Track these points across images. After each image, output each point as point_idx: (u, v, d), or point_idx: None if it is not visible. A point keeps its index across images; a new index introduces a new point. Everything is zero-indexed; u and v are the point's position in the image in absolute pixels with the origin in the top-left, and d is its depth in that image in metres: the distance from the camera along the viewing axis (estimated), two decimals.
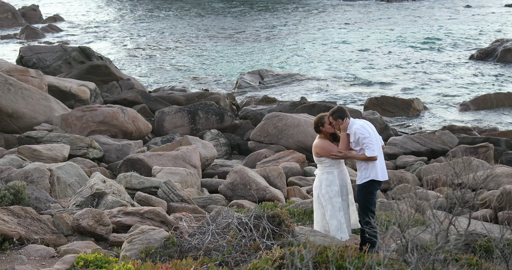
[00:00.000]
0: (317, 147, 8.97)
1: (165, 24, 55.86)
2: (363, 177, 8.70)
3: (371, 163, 8.64)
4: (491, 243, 7.04)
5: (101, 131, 19.51)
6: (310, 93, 31.27)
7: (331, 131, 8.99)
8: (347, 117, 8.82)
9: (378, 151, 8.77)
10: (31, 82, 21.88)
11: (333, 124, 8.90)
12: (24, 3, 65.34)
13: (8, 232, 8.66)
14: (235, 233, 8.05)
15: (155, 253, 8.04)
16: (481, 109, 27.84)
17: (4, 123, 19.83)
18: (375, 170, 8.66)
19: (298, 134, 19.48)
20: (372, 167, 8.65)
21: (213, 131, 21.42)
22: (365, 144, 8.59)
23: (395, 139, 20.29)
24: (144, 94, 24.92)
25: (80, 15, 62.94)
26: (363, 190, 8.69)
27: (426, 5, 66.51)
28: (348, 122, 8.80)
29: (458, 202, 5.98)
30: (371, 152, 8.56)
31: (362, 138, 8.60)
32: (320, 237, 8.86)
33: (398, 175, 15.72)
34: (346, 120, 8.79)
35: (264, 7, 67.13)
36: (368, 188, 8.67)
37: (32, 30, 49.30)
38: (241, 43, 46.00)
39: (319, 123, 9.06)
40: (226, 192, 13.54)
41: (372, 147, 8.58)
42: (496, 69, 36.19)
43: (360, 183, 8.72)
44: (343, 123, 8.78)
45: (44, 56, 30.44)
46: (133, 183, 12.65)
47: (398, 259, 5.55)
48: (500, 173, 14.41)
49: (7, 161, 14.55)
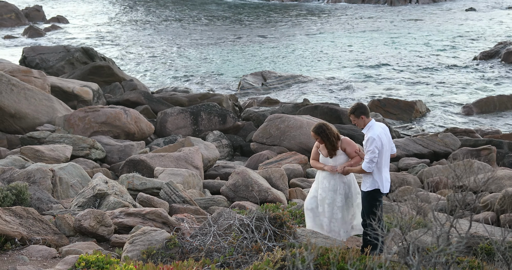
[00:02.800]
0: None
1: (168, 26, 55.89)
2: (368, 185, 8.68)
3: (378, 173, 8.61)
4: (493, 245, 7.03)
5: (103, 132, 19.52)
6: (312, 94, 31.27)
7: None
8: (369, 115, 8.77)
9: (385, 162, 8.73)
10: (34, 82, 21.91)
11: (355, 122, 8.77)
12: (27, 4, 65.43)
13: (10, 232, 8.66)
14: (236, 235, 8.05)
15: (157, 254, 8.04)
16: (484, 111, 27.82)
17: (6, 123, 19.85)
18: (381, 181, 8.65)
19: (301, 136, 19.48)
20: (379, 177, 8.63)
21: (216, 132, 21.43)
22: (368, 158, 8.53)
23: (398, 141, 20.28)
24: (146, 95, 24.94)
25: (83, 16, 63.01)
26: (368, 197, 8.70)
27: (428, 8, 66.46)
28: (369, 120, 8.74)
29: (459, 204, 5.98)
30: (368, 168, 8.54)
31: (370, 151, 8.53)
32: (322, 238, 8.87)
33: (400, 177, 15.71)
34: (369, 117, 8.75)
35: (267, 10, 67.15)
36: (373, 195, 8.68)
37: (36, 30, 49.37)
38: (243, 45, 46.01)
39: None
40: (228, 193, 13.55)
41: (372, 164, 8.53)
42: (499, 72, 36.15)
43: (366, 190, 8.72)
44: (365, 119, 8.71)
45: (47, 56, 30.48)
46: (135, 184, 12.66)
47: (399, 262, 5.55)
48: (502, 176, 14.39)
49: (9, 161, 14.56)
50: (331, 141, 9.03)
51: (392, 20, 57.50)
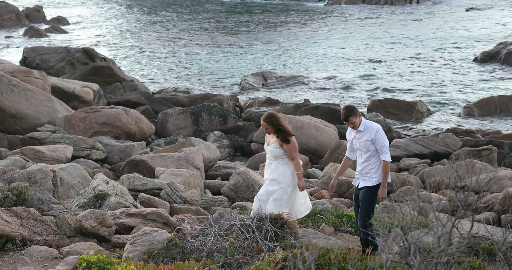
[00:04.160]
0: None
1: (169, 27, 55.91)
2: (377, 179, 8.77)
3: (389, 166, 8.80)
4: (494, 246, 7.03)
5: (104, 132, 19.52)
6: (313, 95, 31.27)
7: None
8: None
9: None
10: (35, 83, 21.92)
11: (354, 122, 8.75)
12: (28, 4, 65.48)
13: (11, 233, 8.66)
14: (237, 235, 8.05)
15: (158, 254, 8.04)
16: (485, 111, 27.81)
17: (7, 124, 19.86)
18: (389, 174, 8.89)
19: (301, 136, 19.48)
20: (390, 170, 8.84)
21: (216, 133, 21.43)
22: (387, 147, 8.74)
23: (399, 142, 20.27)
24: (147, 96, 24.94)
25: (84, 17, 63.03)
26: (375, 191, 8.77)
27: (429, 8, 66.47)
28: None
29: (461, 204, 5.98)
30: (389, 158, 8.76)
31: (382, 145, 8.72)
32: (323, 239, 8.86)
33: (401, 178, 15.70)
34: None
35: (267, 10, 67.17)
36: (377, 190, 8.79)
37: (36, 31, 49.38)
38: (244, 45, 46.03)
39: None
40: (229, 193, 13.54)
41: (389, 154, 8.78)
42: (500, 72, 36.15)
43: (375, 184, 8.78)
44: (360, 116, 8.84)
45: (48, 57, 30.49)
46: (136, 185, 12.66)
47: (400, 262, 5.54)
48: (503, 176, 14.38)
49: (10, 162, 14.57)
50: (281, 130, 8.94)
51: (392, 20, 57.51)
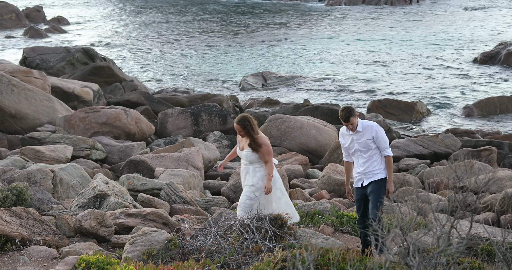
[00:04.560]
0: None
1: (169, 27, 55.92)
2: (381, 175, 8.86)
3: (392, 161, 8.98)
4: (493, 246, 7.03)
5: (104, 133, 19.52)
6: (313, 95, 31.27)
7: None
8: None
9: None
10: (35, 83, 21.92)
11: (353, 122, 8.75)
12: (28, 4, 65.49)
13: (10, 233, 8.67)
14: (237, 235, 8.05)
15: (157, 254, 8.05)
16: (484, 112, 27.81)
17: (7, 123, 19.86)
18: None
19: (301, 136, 19.48)
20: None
21: (216, 133, 21.43)
22: (386, 146, 8.87)
23: (398, 142, 20.27)
24: (147, 96, 24.94)
25: (84, 17, 63.03)
26: (383, 183, 8.84)
27: (429, 8, 66.47)
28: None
29: (460, 205, 5.98)
30: (391, 152, 8.98)
31: (384, 141, 8.85)
32: (322, 239, 8.87)
33: (401, 178, 15.70)
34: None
35: (267, 10, 67.18)
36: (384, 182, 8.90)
37: (36, 31, 49.37)
38: (244, 45, 46.03)
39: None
40: (229, 194, 13.55)
41: (390, 148, 8.99)
42: (500, 72, 36.15)
43: (381, 178, 8.83)
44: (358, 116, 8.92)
45: (48, 57, 30.48)
46: (136, 185, 12.67)
47: (399, 262, 5.55)
48: (503, 177, 14.38)
49: (10, 162, 14.57)
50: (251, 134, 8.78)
51: (392, 21, 57.50)
